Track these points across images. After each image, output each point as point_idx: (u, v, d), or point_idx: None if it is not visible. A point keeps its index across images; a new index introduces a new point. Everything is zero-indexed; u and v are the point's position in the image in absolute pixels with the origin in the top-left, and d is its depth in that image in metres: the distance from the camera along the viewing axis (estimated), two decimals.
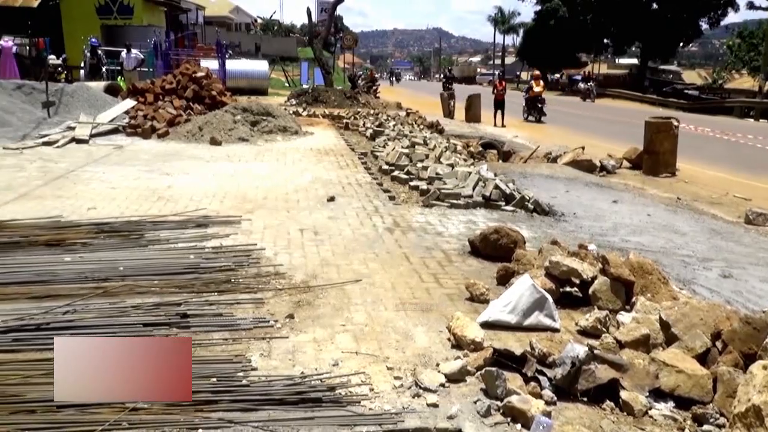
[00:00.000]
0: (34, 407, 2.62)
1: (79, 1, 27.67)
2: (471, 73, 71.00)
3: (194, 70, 14.84)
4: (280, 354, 3.23)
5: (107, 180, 7.74)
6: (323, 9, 38.41)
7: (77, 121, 11.69)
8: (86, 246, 4.95)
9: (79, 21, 26.54)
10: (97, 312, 3.65)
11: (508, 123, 20.13)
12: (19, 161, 8.92)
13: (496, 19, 72.44)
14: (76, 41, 23.90)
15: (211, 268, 4.47)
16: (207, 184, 7.65)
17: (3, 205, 6.29)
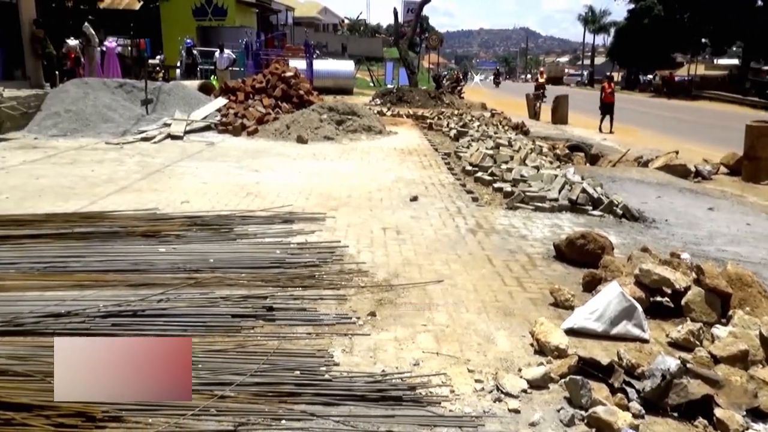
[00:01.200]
0: None
1: (178, 4, 28.91)
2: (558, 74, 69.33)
3: (283, 69, 15.23)
4: (361, 351, 3.27)
5: (199, 175, 8.06)
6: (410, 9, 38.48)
7: (173, 118, 12.24)
8: (179, 238, 5.17)
9: (177, 22, 27.74)
10: (189, 301, 3.80)
11: (595, 125, 19.50)
12: (120, 155, 9.43)
13: (586, 18, 70.44)
14: (173, 42, 25.00)
15: (296, 264, 4.57)
16: (293, 181, 7.83)
17: (105, 196, 6.66)
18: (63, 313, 3.51)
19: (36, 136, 11.14)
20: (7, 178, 7.54)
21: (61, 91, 12.96)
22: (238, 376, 2.89)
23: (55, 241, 4.98)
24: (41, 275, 4.26)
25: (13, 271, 4.30)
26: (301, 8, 59.69)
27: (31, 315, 3.48)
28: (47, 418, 2.47)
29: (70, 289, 4.02)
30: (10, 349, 3.06)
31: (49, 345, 3.16)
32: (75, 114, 11.92)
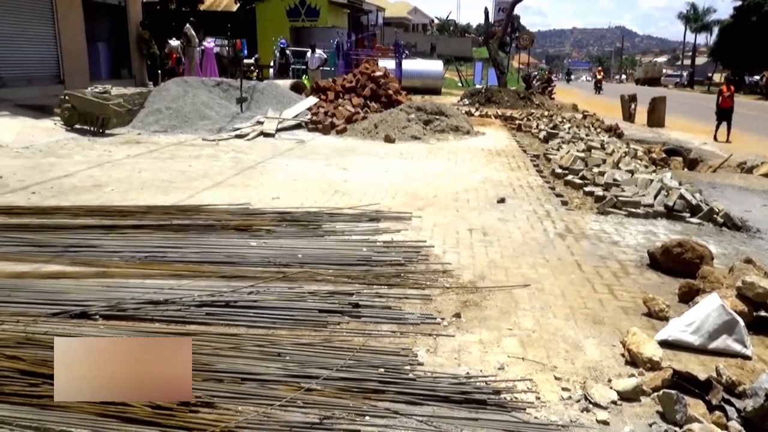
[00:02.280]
0: (222, 377, 2.87)
1: (273, 5, 29.77)
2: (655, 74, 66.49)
3: (373, 69, 15.38)
4: (446, 352, 3.26)
5: (290, 172, 8.26)
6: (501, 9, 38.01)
7: (266, 117, 12.61)
8: (270, 233, 5.32)
9: (272, 23, 28.57)
10: (278, 295, 3.91)
11: (694, 128, 18.55)
12: (216, 152, 9.80)
13: (687, 16, 67.12)
14: (268, 42, 25.75)
15: (382, 262, 4.61)
16: (380, 180, 7.90)
17: (201, 191, 6.95)
18: (161, 301, 3.69)
19: (139, 132, 11.76)
20: (113, 171, 7.99)
21: (162, 89, 13.62)
22: (324, 370, 2.94)
23: (155, 232, 5.24)
24: (142, 264, 4.49)
25: (117, 259, 4.56)
26: (391, 8, 60.09)
27: (132, 301, 3.68)
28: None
29: (168, 278, 4.23)
30: (114, 332, 3.25)
31: (149, 330, 3.34)
32: (175, 111, 12.49)
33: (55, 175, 7.63)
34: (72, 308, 3.56)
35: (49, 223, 5.41)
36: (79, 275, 4.23)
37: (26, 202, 6.18)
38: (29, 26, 14.03)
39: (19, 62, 13.75)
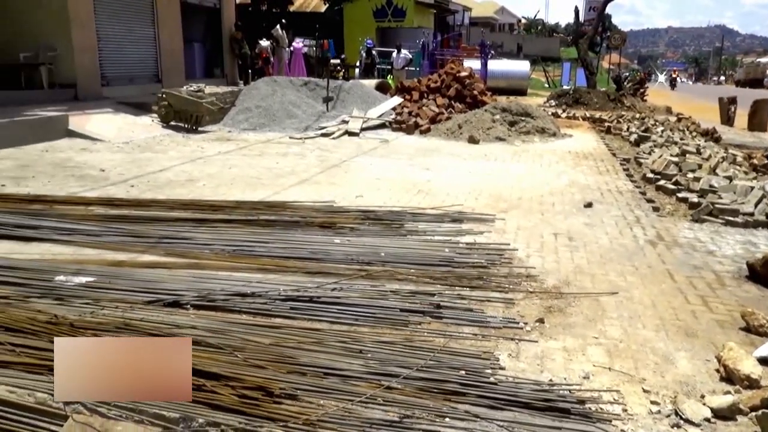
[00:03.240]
0: (305, 371, 2.92)
1: (360, 6, 30.16)
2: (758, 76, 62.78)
3: (458, 69, 15.30)
4: (528, 357, 3.20)
5: (373, 171, 8.34)
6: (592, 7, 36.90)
7: (350, 116, 12.78)
8: (353, 231, 5.39)
9: (358, 24, 28.95)
10: (361, 292, 3.95)
11: None
12: (302, 150, 10.02)
13: None
14: (354, 42, 26.12)
15: (464, 264, 4.57)
16: (463, 180, 7.85)
17: (288, 187, 7.12)
18: (249, 294, 3.80)
19: (230, 129, 12.19)
20: (205, 166, 8.32)
21: (252, 88, 14.06)
22: (405, 369, 2.95)
23: (244, 227, 5.41)
24: (231, 257, 4.65)
25: (207, 252, 4.74)
26: (477, 8, 59.63)
27: (222, 292, 3.81)
28: (233, 388, 2.68)
29: (255, 272, 4.35)
30: (204, 322, 3.38)
31: (237, 321, 3.45)
32: (264, 110, 12.86)
33: (152, 169, 8.02)
34: (165, 297, 3.73)
35: (146, 215, 5.69)
36: (172, 266, 4.42)
37: (125, 195, 6.52)
38: (132, 28, 14.80)
39: (123, 62, 14.54)
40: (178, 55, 16.41)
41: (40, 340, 3.02)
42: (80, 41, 12.90)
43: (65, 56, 12.67)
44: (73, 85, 12.83)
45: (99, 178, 7.37)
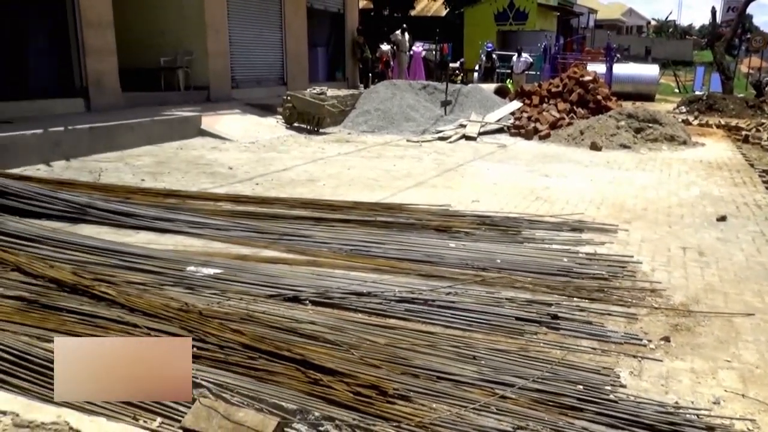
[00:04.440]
0: (419, 373, 2.94)
1: (481, 9, 29.91)
2: None
3: (581, 74, 14.82)
4: (651, 377, 3.04)
5: (490, 176, 8.24)
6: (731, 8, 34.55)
7: (468, 120, 12.71)
8: (468, 235, 5.35)
9: (479, 27, 28.72)
10: (475, 298, 3.92)
11: None
12: (419, 153, 10.09)
13: None
14: (474, 46, 25.92)
15: (583, 274, 4.42)
16: (584, 188, 7.59)
17: (404, 190, 7.19)
18: (364, 293, 3.87)
19: (349, 131, 12.48)
20: (326, 167, 8.56)
21: (372, 91, 14.32)
22: (519, 379, 2.89)
23: (361, 227, 5.52)
24: (348, 256, 4.75)
25: (326, 250, 4.87)
26: (604, 10, 57.51)
27: (338, 290, 3.90)
28: (347, 385, 2.74)
29: (370, 272, 4.43)
30: (322, 318, 3.47)
31: (352, 320, 3.52)
32: (383, 113, 13.06)
33: (276, 168, 8.36)
34: (286, 292, 3.87)
35: (269, 212, 5.93)
36: (292, 262, 4.59)
37: (251, 192, 6.84)
38: (261, 33, 15.52)
39: (252, 66, 15.27)
40: (302, 59, 17.01)
41: (172, 325, 3.22)
42: (214, 46, 13.69)
43: (200, 60, 13.49)
44: (206, 88, 13.63)
45: (227, 176, 7.78)
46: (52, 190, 5.95)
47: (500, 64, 22.02)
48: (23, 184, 5.97)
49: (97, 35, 10.81)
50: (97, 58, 10.82)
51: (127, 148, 9.07)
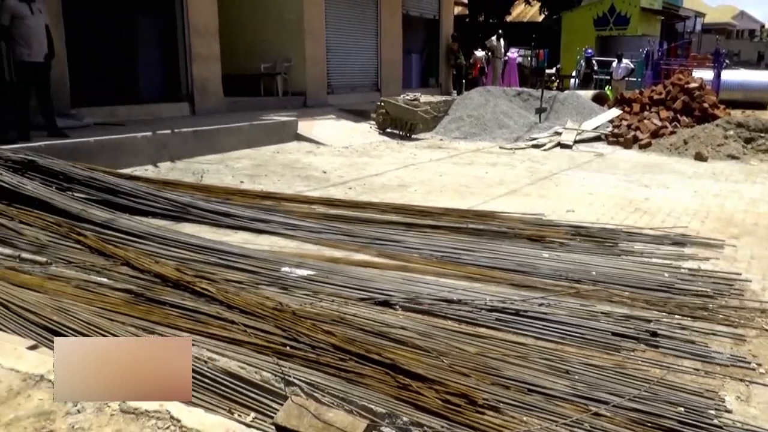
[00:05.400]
0: (509, 384, 2.88)
1: (580, 14, 29.14)
2: None
3: (686, 80, 14.14)
4: (761, 403, 2.85)
5: (586, 185, 8.00)
6: None
7: (564, 127, 12.40)
8: (562, 246, 5.21)
9: (577, 33, 27.95)
10: (568, 310, 3.81)
11: None
12: (512, 160, 9.94)
13: None
14: (571, 52, 25.28)
15: (686, 291, 4.20)
16: (687, 200, 7.23)
17: (496, 197, 7.10)
18: (455, 300, 3.85)
19: (441, 138, 12.47)
20: (417, 173, 8.59)
21: (465, 97, 14.26)
22: (615, 397, 2.78)
23: (451, 234, 5.49)
24: (438, 263, 4.74)
25: (416, 256, 4.88)
26: (712, 14, 54.67)
27: (428, 297, 3.90)
28: (436, 392, 2.73)
29: (460, 279, 4.40)
30: (412, 324, 3.48)
31: (442, 327, 3.51)
32: (476, 119, 12.97)
33: (368, 173, 8.47)
34: (376, 296, 3.91)
35: (361, 216, 6.01)
36: (383, 266, 4.63)
37: (343, 196, 6.96)
38: (357, 40, 15.80)
39: (347, 72, 15.58)
40: (397, 66, 17.18)
41: (267, 324, 3.32)
42: (312, 53, 14.06)
43: (298, 67, 13.89)
44: (302, 93, 14.01)
45: (321, 180, 7.96)
46: (158, 190, 6.29)
47: (599, 70, 21.35)
48: (133, 184, 6.34)
49: (203, 43, 11.35)
50: (203, 65, 11.36)
51: (227, 150, 9.45)
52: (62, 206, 5.50)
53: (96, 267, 4.24)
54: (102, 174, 6.38)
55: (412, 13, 18.01)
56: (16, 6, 7.52)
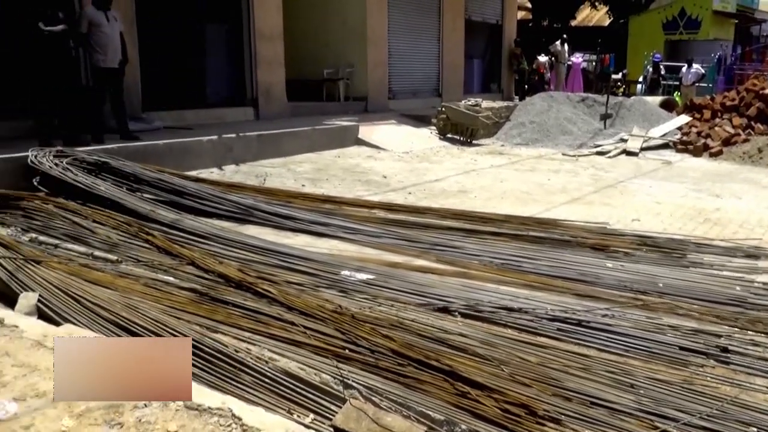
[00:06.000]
0: (571, 396, 2.82)
1: (648, 18, 28.36)
2: None
3: (762, 86, 13.55)
4: None
5: (653, 194, 7.77)
6: None
7: (630, 134, 12.08)
8: (627, 256, 5.07)
9: (645, 37, 27.22)
10: (633, 322, 3.70)
11: None
12: (575, 167, 9.74)
13: None
14: (638, 57, 24.65)
15: (760, 306, 4.02)
16: (761, 212, 6.92)
17: (558, 205, 6.97)
18: (515, 309, 3.79)
19: (503, 144, 12.34)
20: (477, 179, 8.52)
21: (528, 103, 14.07)
22: (683, 414, 2.68)
23: (512, 241, 5.42)
24: (498, 270, 4.68)
25: (476, 262, 4.84)
26: None
27: (489, 304, 3.85)
28: (496, 401, 2.69)
29: (521, 287, 4.33)
30: (471, 331, 3.45)
31: (502, 335, 3.46)
32: (538, 125, 12.79)
33: (428, 179, 8.46)
34: (435, 302, 3.89)
35: (420, 221, 6.00)
36: (442, 272, 4.60)
37: (403, 201, 6.96)
38: (419, 45, 15.82)
39: (408, 77, 15.62)
40: (458, 71, 17.11)
41: (327, 326, 3.34)
42: (374, 58, 14.15)
43: (360, 72, 14.00)
44: (364, 98, 14.11)
45: (381, 184, 7.99)
46: (222, 192, 6.44)
47: (667, 76, 20.73)
48: (199, 186, 6.51)
49: (269, 48, 11.58)
50: (268, 70, 11.59)
51: (290, 154, 9.60)
52: (132, 206, 5.70)
53: (163, 266, 4.37)
54: (169, 176, 6.59)
55: (475, 18, 17.91)
56: (93, 14, 7.87)
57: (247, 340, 3.19)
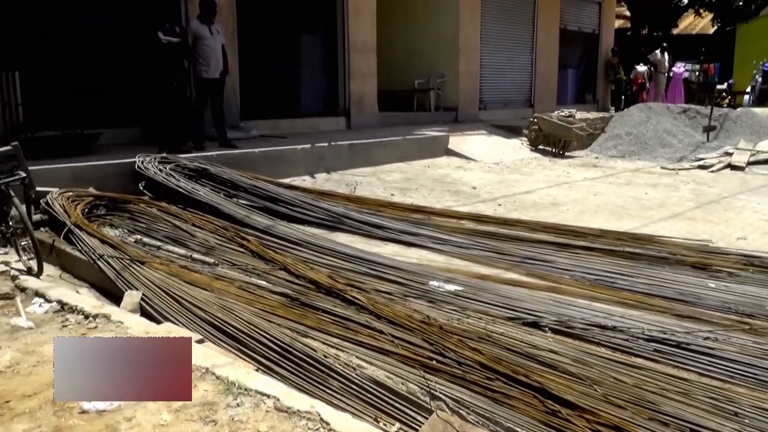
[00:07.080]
0: (668, 421, 2.69)
1: (758, 26, 26.73)
2: None
3: None
4: None
5: (760, 211, 7.31)
6: None
7: (735, 147, 11.43)
8: (732, 276, 4.79)
9: (754, 45, 25.66)
10: (739, 347, 3.48)
11: None
12: (674, 181, 9.32)
13: None
14: (746, 66, 23.30)
15: None
16: None
17: (656, 221, 6.69)
18: (609, 327, 3.66)
19: (597, 156, 11.98)
20: (570, 192, 8.31)
21: (625, 114, 13.61)
22: None
23: (605, 257, 5.24)
24: (590, 286, 4.54)
25: (567, 277, 4.71)
26: None
27: (581, 321, 3.74)
28: (587, 421, 2.61)
29: (615, 304, 4.17)
30: (562, 348, 3.35)
31: (594, 353, 3.35)
32: (635, 137, 12.33)
33: (518, 190, 8.32)
34: (525, 316, 3.81)
35: (510, 233, 5.90)
36: (532, 286, 4.51)
37: (492, 212, 6.88)
38: (511, 56, 15.66)
39: (499, 88, 15.48)
40: (551, 81, 16.78)
41: (414, 336, 3.35)
42: (465, 68, 14.12)
43: (451, 82, 14.00)
44: (454, 109, 14.09)
45: (470, 195, 7.93)
46: (314, 200, 6.59)
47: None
48: (292, 193, 6.70)
49: (361, 59, 11.78)
50: (360, 81, 11.79)
51: (379, 164, 9.70)
52: (229, 211, 5.93)
53: (257, 270, 4.52)
54: (264, 183, 6.81)
55: (570, 27, 17.52)
56: (198, 28, 8.29)
57: (335, 346, 3.24)
